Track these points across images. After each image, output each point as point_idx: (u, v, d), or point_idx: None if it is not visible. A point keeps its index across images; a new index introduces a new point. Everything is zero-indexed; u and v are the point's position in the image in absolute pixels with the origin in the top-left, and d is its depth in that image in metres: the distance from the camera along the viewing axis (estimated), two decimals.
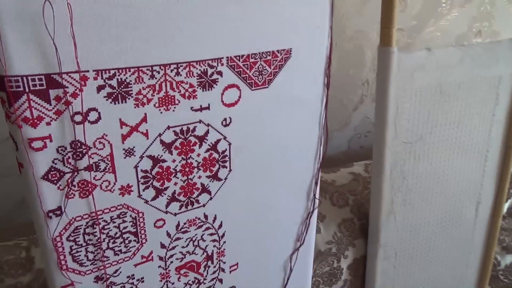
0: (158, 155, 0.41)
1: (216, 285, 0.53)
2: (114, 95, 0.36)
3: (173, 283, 0.49)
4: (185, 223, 0.46)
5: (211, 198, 0.47)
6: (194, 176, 0.45)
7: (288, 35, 0.46)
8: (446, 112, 0.76)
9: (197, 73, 0.40)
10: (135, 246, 0.44)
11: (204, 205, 0.47)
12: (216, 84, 0.42)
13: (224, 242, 0.51)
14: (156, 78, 0.38)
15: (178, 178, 0.44)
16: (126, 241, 0.43)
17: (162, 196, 0.43)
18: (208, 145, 0.44)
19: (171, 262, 0.47)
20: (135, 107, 0.38)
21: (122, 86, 0.36)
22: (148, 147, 0.40)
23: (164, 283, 0.48)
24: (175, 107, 0.40)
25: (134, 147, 0.39)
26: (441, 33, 1.00)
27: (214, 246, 0.50)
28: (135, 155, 0.40)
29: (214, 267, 0.52)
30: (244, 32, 0.42)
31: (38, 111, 0.33)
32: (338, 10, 0.86)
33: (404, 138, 0.76)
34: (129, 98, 0.37)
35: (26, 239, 0.63)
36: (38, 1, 0.30)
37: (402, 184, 0.80)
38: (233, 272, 0.54)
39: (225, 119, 0.44)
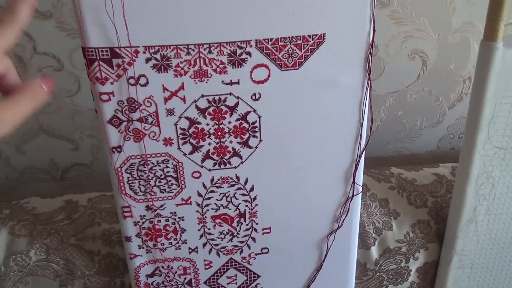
0: (194, 117, 0.51)
1: (249, 241, 0.61)
2: (158, 66, 0.48)
3: (209, 229, 0.59)
4: (218, 179, 0.56)
5: (242, 162, 0.55)
6: (226, 140, 0.54)
7: (321, 20, 0.49)
8: None
9: (227, 52, 0.49)
10: (176, 189, 0.55)
11: (235, 167, 0.55)
12: (245, 63, 0.50)
13: (256, 204, 0.58)
14: (191, 55, 0.48)
15: (211, 139, 0.53)
16: (169, 183, 0.55)
17: (198, 152, 0.53)
18: (239, 115, 0.52)
19: (207, 210, 0.58)
20: (174, 77, 0.49)
21: (164, 59, 0.48)
22: (186, 110, 0.51)
23: (202, 227, 0.59)
24: (208, 80, 0.50)
25: (174, 108, 0.50)
26: None
27: (246, 206, 0.58)
28: (175, 115, 0.51)
29: (247, 225, 0.60)
30: (274, 17, 0.48)
31: (105, 73, 0.47)
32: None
33: (497, 143, 0.68)
34: (169, 69, 0.48)
35: None
36: None
37: (490, 192, 0.72)
38: (266, 235, 0.61)
39: (254, 94, 0.52)
